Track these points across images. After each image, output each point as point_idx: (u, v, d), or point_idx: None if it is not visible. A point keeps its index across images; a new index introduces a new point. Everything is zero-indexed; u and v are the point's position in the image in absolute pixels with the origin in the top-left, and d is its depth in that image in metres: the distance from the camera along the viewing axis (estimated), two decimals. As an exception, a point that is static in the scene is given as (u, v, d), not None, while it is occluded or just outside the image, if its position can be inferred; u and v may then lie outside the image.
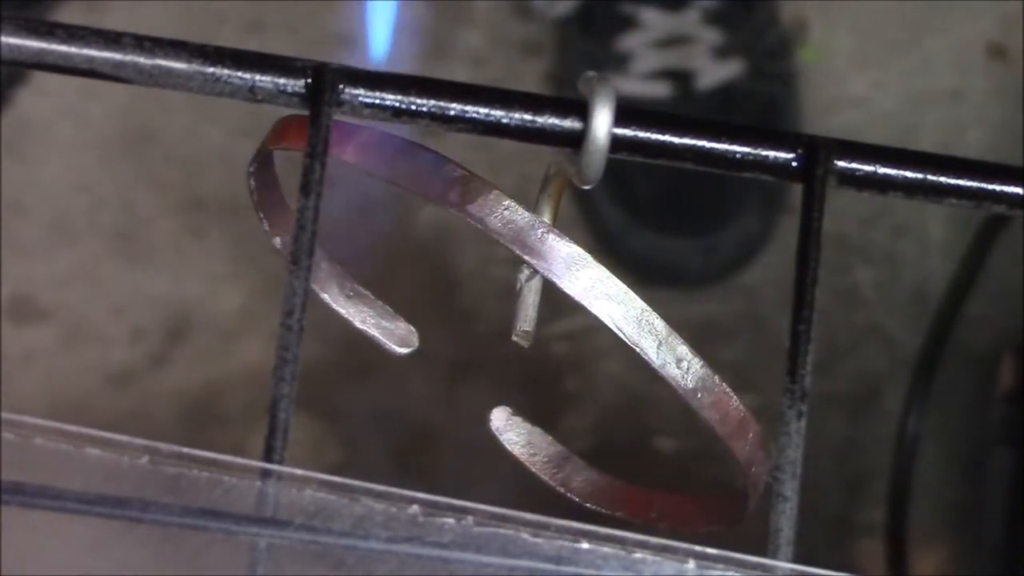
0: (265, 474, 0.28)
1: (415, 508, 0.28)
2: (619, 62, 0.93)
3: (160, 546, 0.28)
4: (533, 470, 0.37)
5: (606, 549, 0.29)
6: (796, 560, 0.30)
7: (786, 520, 0.30)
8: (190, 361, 0.91)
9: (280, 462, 0.29)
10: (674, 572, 0.29)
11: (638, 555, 0.29)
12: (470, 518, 0.28)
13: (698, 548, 0.29)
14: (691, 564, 0.29)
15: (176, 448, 0.28)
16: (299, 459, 0.29)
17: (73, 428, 0.28)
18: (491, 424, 0.37)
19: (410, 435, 0.90)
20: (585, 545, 0.29)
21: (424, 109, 0.32)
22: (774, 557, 0.30)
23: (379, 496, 0.28)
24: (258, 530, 0.28)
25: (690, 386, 0.32)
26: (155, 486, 0.28)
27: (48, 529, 0.28)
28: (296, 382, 0.30)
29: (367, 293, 0.37)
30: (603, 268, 0.32)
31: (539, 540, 0.29)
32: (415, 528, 0.28)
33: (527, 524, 0.29)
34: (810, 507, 0.33)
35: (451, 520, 0.28)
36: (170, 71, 0.31)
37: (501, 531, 0.28)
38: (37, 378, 0.91)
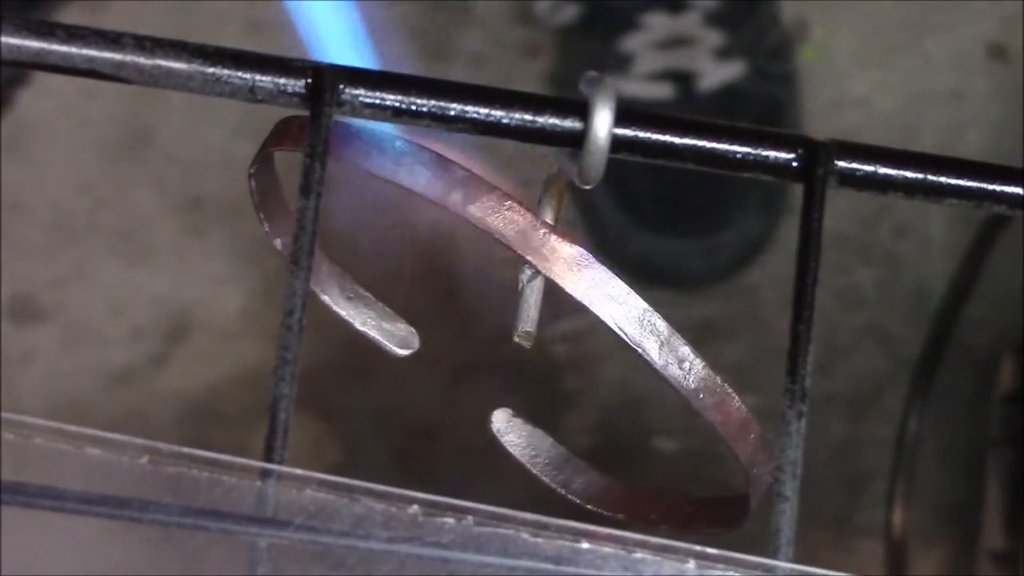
0: (265, 474, 0.28)
1: (415, 508, 0.28)
2: (620, 63, 0.93)
3: (160, 546, 0.28)
4: (534, 472, 0.37)
5: (606, 549, 0.29)
6: (796, 560, 0.30)
7: (786, 520, 0.30)
8: (190, 361, 0.91)
9: (280, 462, 0.29)
10: (674, 572, 0.29)
11: (638, 555, 0.29)
12: (470, 518, 0.28)
13: (698, 548, 0.29)
14: (691, 564, 0.29)
15: (176, 448, 0.28)
16: (299, 459, 0.29)
17: (73, 428, 0.28)
18: (492, 425, 0.37)
19: (410, 435, 0.90)
20: (585, 545, 0.29)
21: (424, 109, 0.32)
22: (774, 557, 0.30)
23: (379, 496, 0.28)
24: (258, 530, 0.28)
25: (692, 387, 0.32)
26: (155, 486, 0.28)
27: (48, 529, 0.28)
28: (296, 382, 0.30)
29: (367, 294, 0.37)
30: (605, 269, 0.32)
31: (539, 540, 0.29)
32: (415, 528, 0.28)
33: (527, 524, 0.29)
34: (810, 507, 0.33)
35: (451, 520, 0.28)
36: (170, 71, 0.31)
37: (501, 531, 0.28)
38: (37, 378, 0.91)
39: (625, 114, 0.32)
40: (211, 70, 0.31)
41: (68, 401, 0.90)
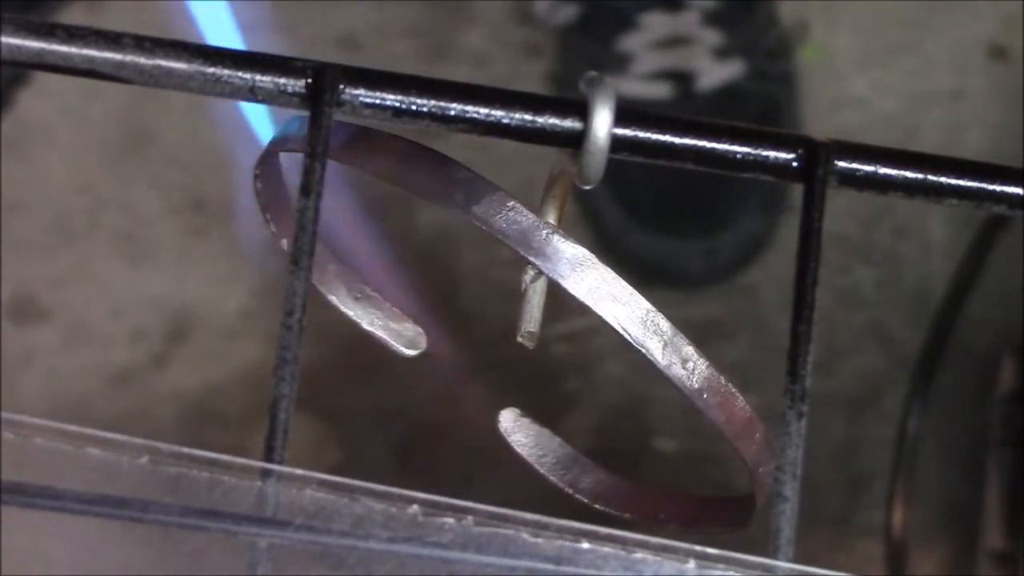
0: (265, 474, 0.28)
1: (415, 508, 0.28)
2: (619, 63, 0.93)
3: (160, 546, 0.28)
4: (541, 471, 0.37)
5: (606, 549, 0.29)
6: (796, 560, 0.30)
7: (786, 520, 0.30)
8: (190, 361, 0.91)
9: (280, 462, 0.29)
10: (674, 572, 0.29)
11: (638, 555, 0.29)
12: (470, 518, 0.28)
13: (698, 548, 0.29)
14: (691, 564, 0.29)
15: (176, 448, 0.28)
16: (299, 459, 0.29)
17: (73, 428, 0.28)
18: (499, 425, 0.37)
19: (411, 435, 0.90)
20: (585, 545, 0.29)
21: (425, 109, 0.32)
22: (774, 557, 0.30)
23: (379, 496, 0.28)
24: (258, 530, 0.28)
25: (696, 387, 0.32)
26: (155, 486, 0.28)
27: (48, 529, 0.28)
28: (296, 382, 0.30)
29: (375, 294, 0.37)
30: (608, 269, 0.32)
31: (539, 540, 0.29)
32: (415, 528, 0.28)
33: (527, 524, 0.29)
34: (810, 507, 0.33)
35: (451, 520, 0.28)
36: (170, 71, 0.31)
37: (501, 531, 0.28)
38: (37, 378, 0.91)
39: (625, 114, 0.32)
40: (211, 70, 0.31)
41: (68, 401, 0.90)
